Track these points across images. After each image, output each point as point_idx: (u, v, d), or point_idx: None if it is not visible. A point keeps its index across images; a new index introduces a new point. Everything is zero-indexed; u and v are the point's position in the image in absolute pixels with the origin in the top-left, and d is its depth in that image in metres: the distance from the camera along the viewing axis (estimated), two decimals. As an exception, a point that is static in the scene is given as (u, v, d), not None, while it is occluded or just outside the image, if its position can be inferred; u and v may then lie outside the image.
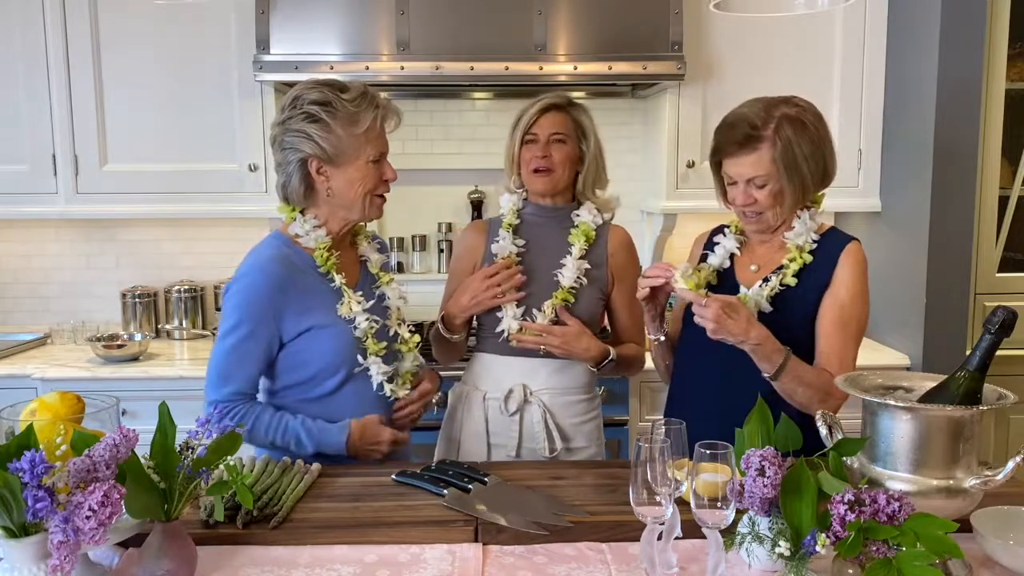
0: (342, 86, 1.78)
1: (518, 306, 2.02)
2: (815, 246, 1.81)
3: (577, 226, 2.06)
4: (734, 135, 1.74)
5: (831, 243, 1.82)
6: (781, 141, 1.71)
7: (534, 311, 2.02)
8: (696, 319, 1.70)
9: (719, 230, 1.96)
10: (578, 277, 2.03)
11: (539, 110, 2.03)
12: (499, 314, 2.03)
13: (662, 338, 1.90)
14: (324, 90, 1.76)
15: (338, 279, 1.83)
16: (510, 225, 2.08)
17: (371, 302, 1.87)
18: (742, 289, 1.82)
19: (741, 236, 1.90)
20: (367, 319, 1.83)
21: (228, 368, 1.78)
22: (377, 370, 1.85)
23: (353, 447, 1.81)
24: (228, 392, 1.78)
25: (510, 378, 2.05)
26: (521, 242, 2.07)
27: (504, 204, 2.12)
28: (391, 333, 1.92)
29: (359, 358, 1.83)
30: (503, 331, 2.02)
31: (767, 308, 1.78)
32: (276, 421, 1.80)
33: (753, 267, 1.86)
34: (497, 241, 2.06)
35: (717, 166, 1.82)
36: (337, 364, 1.82)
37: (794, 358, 1.72)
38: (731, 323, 1.66)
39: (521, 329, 2.00)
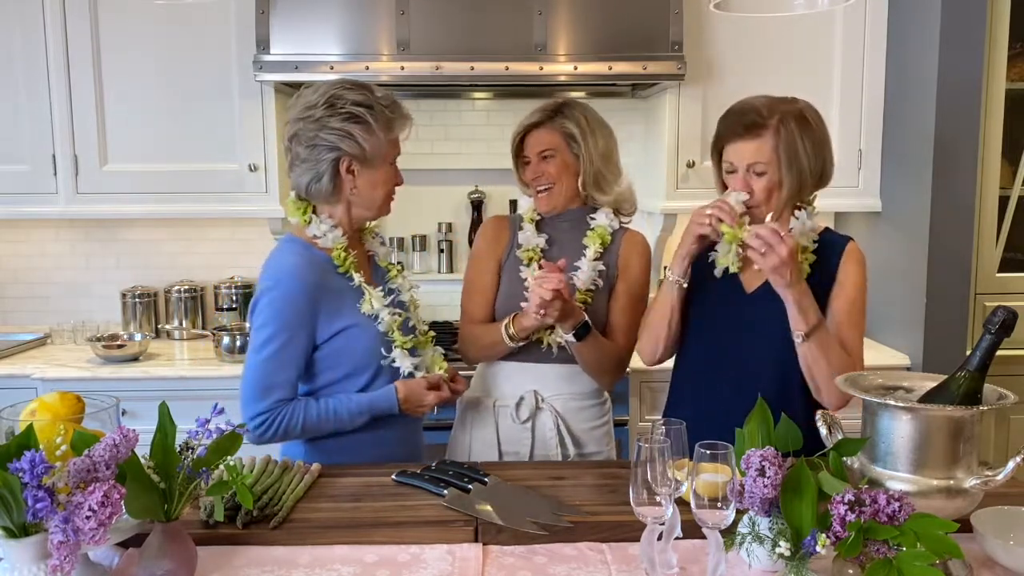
0: (374, 90, 1.83)
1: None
2: (815, 245, 1.82)
3: (593, 228, 2.06)
4: (741, 120, 1.76)
5: (831, 242, 1.84)
6: (785, 131, 1.74)
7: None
8: (753, 254, 1.66)
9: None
10: (594, 280, 2.02)
11: (521, 132, 2.05)
12: (524, 304, 1.98)
13: (685, 284, 1.84)
14: (364, 93, 1.80)
15: (357, 277, 1.86)
16: (532, 220, 2.09)
17: (390, 297, 1.90)
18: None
19: None
20: (390, 313, 1.86)
21: (269, 378, 1.78)
22: (403, 363, 1.87)
23: (403, 405, 1.86)
24: (272, 401, 1.78)
25: (521, 385, 2.03)
26: (544, 236, 2.07)
27: (524, 204, 2.13)
28: (411, 324, 1.95)
29: (383, 351, 1.86)
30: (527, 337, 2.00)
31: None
32: (323, 408, 1.82)
33: (757, 267, 1.85)
34: (523, 232, 2.07)
35: (718, 155, 1.83)
36: (366, 362, 1.85)
37: (825, 327, 1.74)
38: (794, 264, 1.67)
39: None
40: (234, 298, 3.25)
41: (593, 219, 2.07)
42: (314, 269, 1.81)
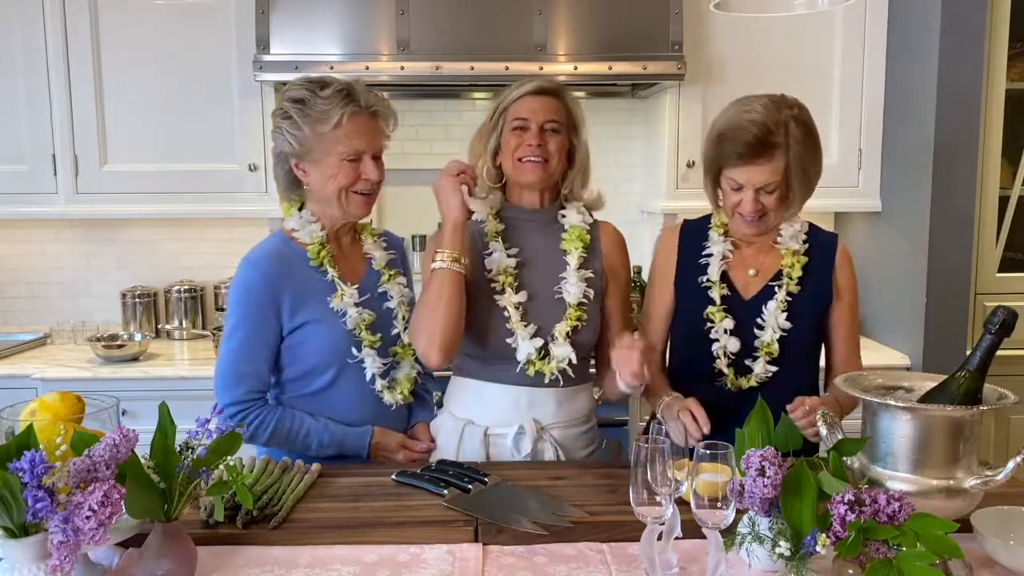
0: (324, 83, 1.79)
1: (532, 336, 1.80)
2: (806, 247, 1.84)
3: (568, 230, 1.86)
4: (744, 140, 1.68)
5: (820, 242, 1.86)
6: (795, 145, 1.69)
7: (548, 339, 1.82)
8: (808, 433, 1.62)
9: (692, 228, 1.91)
10: (584, 291, 1.83)
11: (531, 91, 1.80)
12: (510, 340, 1.81)
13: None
14: (304, 87, 1.79)
15: (331, 272, 1.84)
16: (497, 233, 1.85)
17: (365, 297, 1.87)
18: (769, 320, 1.80)
19: (726, 235, 1.87)
20: (358, 312, 1.84)
21: (237, 368, 1.80)
22: (371, 363, 1.85)
23: (372, 450, 1.86)
24: (243, 392, 1.80)
25: (516, 412, 1.83)
26: (515, 251, 1.85)
27: (479, 210, 1.85)
28: (393, 333, 1.92)
29: (353, 350, 1.84)
30: (520, 363, 1.81)
31: (787, 325, 1.79)
32: (296, 428, 1.82)
33: (752, 271, 1.85)
34: (489, 254, 1.84)
35: (716, 172, 1.78)
36: (330, 359, 1.83)
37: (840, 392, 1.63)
38: (819, 405, 1.56)
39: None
40: (234, 298, 3.25)
41: (564, 216, 1.88)
42: (279, 260, 1.82)
